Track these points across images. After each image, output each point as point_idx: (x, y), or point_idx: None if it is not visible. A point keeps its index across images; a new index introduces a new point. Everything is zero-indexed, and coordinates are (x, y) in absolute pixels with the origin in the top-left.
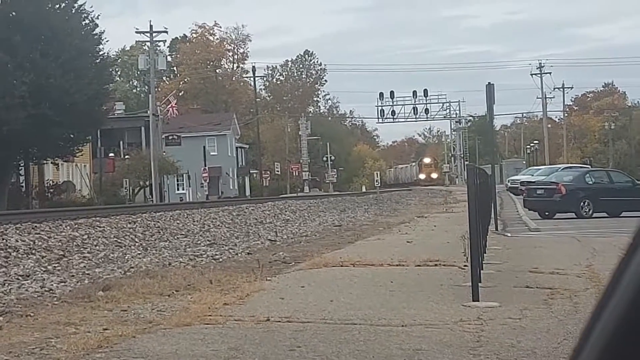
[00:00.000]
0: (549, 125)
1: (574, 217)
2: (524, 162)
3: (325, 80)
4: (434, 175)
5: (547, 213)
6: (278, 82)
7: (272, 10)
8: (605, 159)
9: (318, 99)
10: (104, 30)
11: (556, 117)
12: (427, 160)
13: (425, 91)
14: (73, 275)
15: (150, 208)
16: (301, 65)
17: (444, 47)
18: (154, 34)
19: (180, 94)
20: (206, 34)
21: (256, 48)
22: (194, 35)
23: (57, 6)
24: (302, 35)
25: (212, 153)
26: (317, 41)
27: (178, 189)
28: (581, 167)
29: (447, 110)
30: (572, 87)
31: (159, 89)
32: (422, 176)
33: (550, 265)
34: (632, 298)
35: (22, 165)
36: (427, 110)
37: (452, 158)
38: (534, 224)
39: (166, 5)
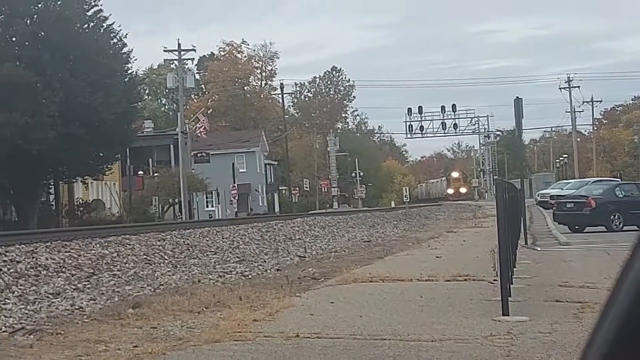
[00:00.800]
0: (578, 139)
1: (604, 230)
2: (554, 176)
3: (354, 97)
4: (463, 190)
5: (577, 227)
6: (306, 99)
7: (299, 27)
8: (635, 172)
9: (346, 115)
10: (132, 49)
11: (585, 130)
12: (455, 174)
13: (454, 106)
14: (103, 293)
15: (179, 225)
16: (329, 82)
17: (471, 62)
18: (182, 52)
19: (208, 112)
20: (234, 51)
21: (284, 65)
22: (222, 53)
23: (86, 25)
24: (330, 52)
25: (241, 170)
26: (345, 57)
27: (207, 206)
28: (611, 180)
29: (476, 125)
30: (601, 101)
31: (188, 107)
32: (450, 191)
33: (580, 279)
34: (632, 300)
35: (51, 184)
36: (455, 125)
37: (481, 173)
38: (563, 238)
39: (195, 23)
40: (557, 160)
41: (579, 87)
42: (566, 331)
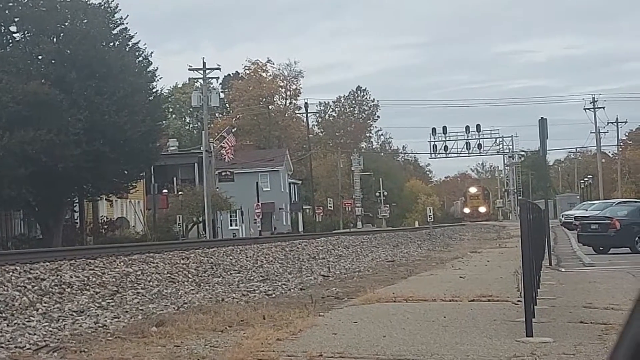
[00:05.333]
0: (603, 160)
1: (629, 252)
2: (578, 196)
3: (378, 116)
4: (483, 209)
5: (601, 248)
6: (330, 118)
7: (328, 47)
8: None
9: (370, 134)
10: (157, 68)
11: (610, 151)
12: (473, 190)
13: (478, 126)
14: (127, 311)
15: (203, 244)
16: (353, 101)
17: (498, 83)
18: (207, 71)
19: (233, 130)
20: (259, 70)
21: (312, 84)
22: (247, 72)
23: (112, 44)
24: (357, 71)
25: (265, 189)
26: (372, 77)
27: (231, 225)
28: (636, 201)
29: (500, 146)
30: (626, 122)
31: (212, 125)
32: (466, 210)
33: (604, 301)
34: None
35: (76, 201)
36: (480, 146)
37: (506, 193)
38: (588, 259)
39: (225, 42)
40: (582, 181)
41: (603, 107)
42: (590, 353)
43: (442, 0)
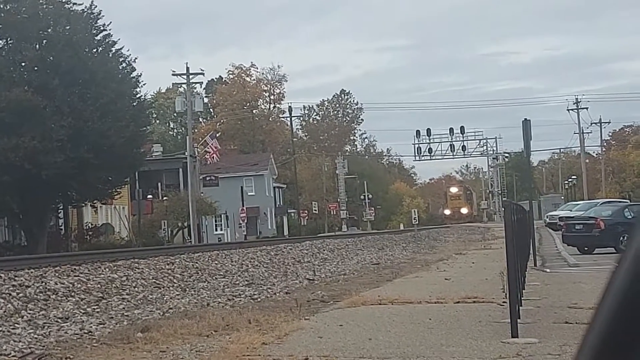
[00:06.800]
0: (587, 161)
1: (614, 252)
2: (562, 197)
3: (362, 119)
4: (464, 211)
5: (586, 248)
6: (315, 122)
7: (314, 50)
8: None
9: (355, 137)
10: (140, 73)
11: (594, 152)
12: (454, 190)
13: (462, 128)
14: (112, 317)
15: (188, 249)
16: (337, 105)
17: (481, 84)
18: (190, 76)
19: (217, 135)
20: (243, 75)
21: (299, 88)
22: (231, 77)
23: (95, 50)
24: (343, 75)
25: (249, 193)
26: (357, 80)
27: (216, 230)
28: (620, 201)
29: (484, 147)
30: (609, 122)
31: (196, 131)
32: (447, 212)
33: (589, 301)
34: (617, 306)
35: (61, 208)
36: (464, 148)
37: (490, 194)
38: (573, 260)
39: (210, 47)
40: (566, 182)
41: (587, 108)
42: (576, 353)
43: (426, 4)
